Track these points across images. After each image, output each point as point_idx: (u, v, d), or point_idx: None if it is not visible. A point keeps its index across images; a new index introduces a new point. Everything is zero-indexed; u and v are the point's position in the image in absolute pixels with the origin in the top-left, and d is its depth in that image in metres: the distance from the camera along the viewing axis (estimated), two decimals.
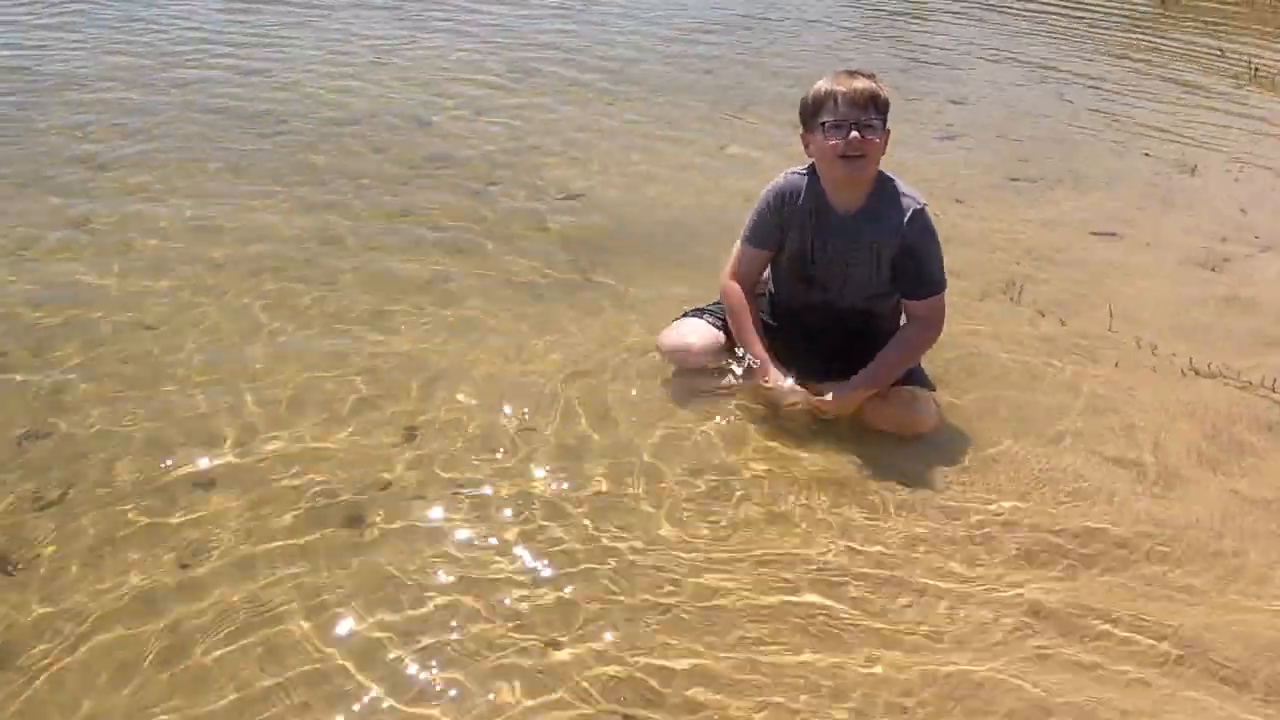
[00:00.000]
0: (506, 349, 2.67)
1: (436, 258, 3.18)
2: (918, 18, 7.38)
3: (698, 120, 4.68)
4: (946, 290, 2.39)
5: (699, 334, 2.56)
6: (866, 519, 2.12)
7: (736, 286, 2.48)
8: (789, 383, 2.38)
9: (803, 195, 2.39)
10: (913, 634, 1.83)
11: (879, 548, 2.04)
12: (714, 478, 2.22)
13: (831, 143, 2.27)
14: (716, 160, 4.22)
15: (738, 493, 2.18)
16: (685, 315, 2.64)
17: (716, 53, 5.91)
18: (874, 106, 2.28)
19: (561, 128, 4.47)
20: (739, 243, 2.51)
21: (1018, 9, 7.76)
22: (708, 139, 4.45)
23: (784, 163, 3.83)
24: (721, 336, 2.55)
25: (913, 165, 4.22)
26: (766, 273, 2.57)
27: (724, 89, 5.19)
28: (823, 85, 2.31)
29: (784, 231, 2.43)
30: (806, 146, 2.39)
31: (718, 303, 2.60)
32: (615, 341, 2.72)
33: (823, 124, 2.28)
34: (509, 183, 3.82)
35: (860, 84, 2.28)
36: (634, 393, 2.50)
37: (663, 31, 6.32)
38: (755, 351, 2.43)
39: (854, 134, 2.24)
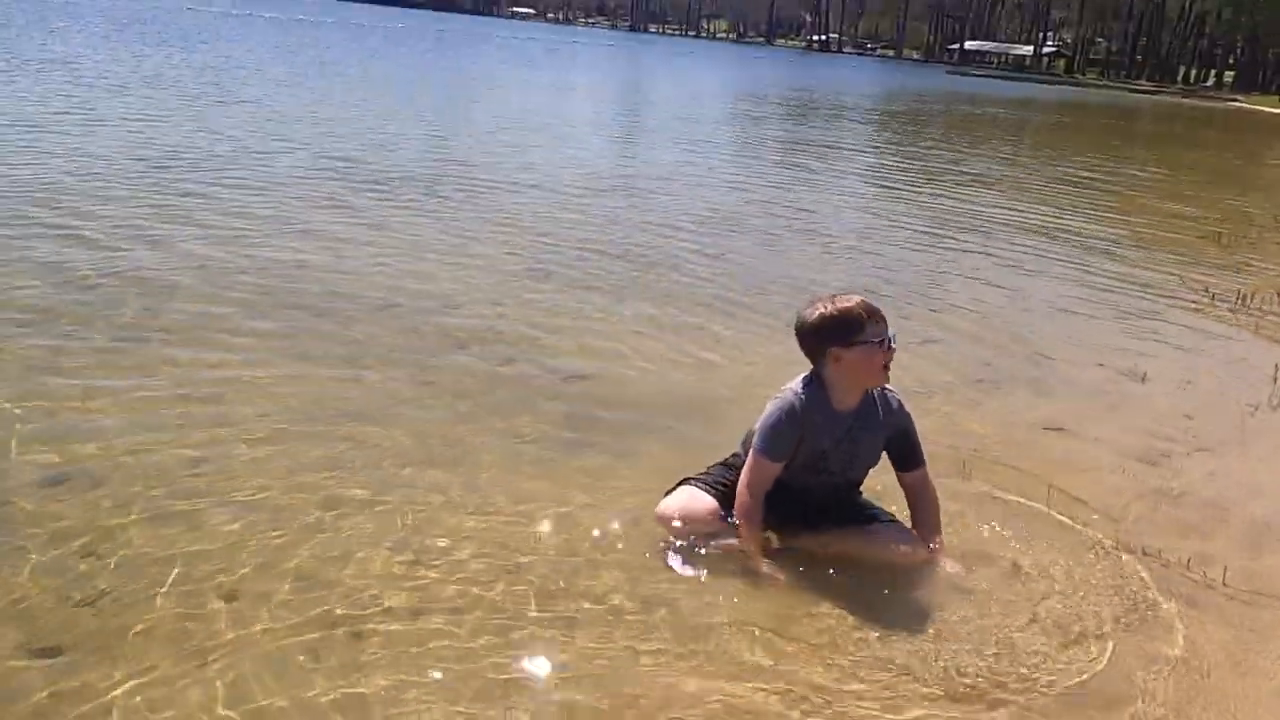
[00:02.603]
0: (506, 506, 3.02)
1: (449, 422, 3.61)
2: (903, 238, 8.12)
3: (695, 317, 5.22)
4: None
5: (697, 501, 2.88)
6: (815, 649, 2.41)
7: (749, 499, 2.76)
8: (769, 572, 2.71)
9: (808, 406, 2.76)
10: None
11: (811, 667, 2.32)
12: (692, 616, 2.52)
13: (876, 357, 2.70)
14: (708, 353, 4.71)
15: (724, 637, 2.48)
16: (681, 484, 2.97)
17: (720, 261, 6.58)
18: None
19: (573, 316, 5.02)
20: (754, 455, 2.77)
21: (995, 236, 8.52)
22: (703, 334, 4.97)
23: (765, 361, 4.34)
24: (716, 504, 2.87)
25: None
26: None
27: (723, 292, 5.78)
28: (849, 306, 2.71)
29: (801, 441, 2.78)
30: (836, 360, 2.72)
31: (707, 470, 2.99)
32: (611, 504, 3.07)
33: (871, 341, 2.69)
34: (521, 362, 4.31)
35: (874, 305, 2.74)
36: (624, 548, 2.82)
37: (678, 236, 7.05)
38: (755, 554, 2.74)
39: (892, 347, 2.73)
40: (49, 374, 3.70)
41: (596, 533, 2.89)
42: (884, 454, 2.93)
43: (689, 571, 2.72)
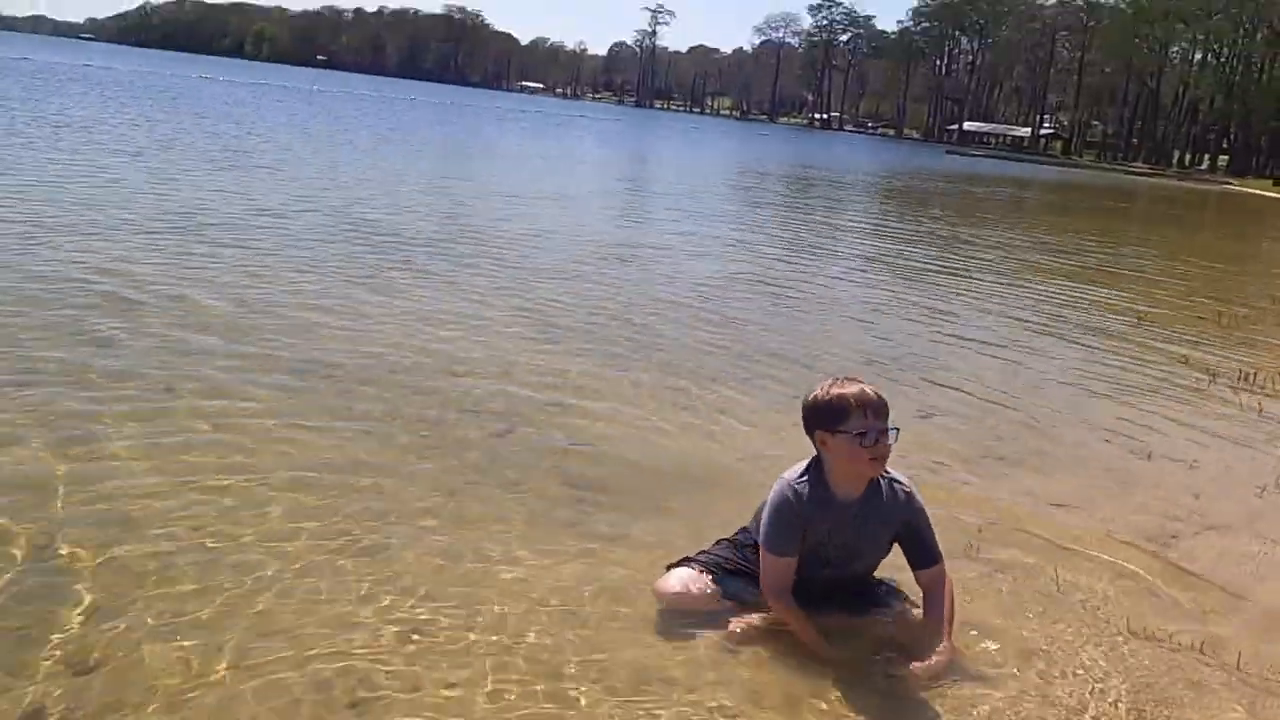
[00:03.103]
0: (505, 576, 2.97)
1: (450, 488, 3.57)
2: (909, 311, 8.16)
3: (701, 386, 5.21)
4: None
5: (695, 583, 2.82)
6: None
7: (773, 599, 2.70)
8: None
9: (808, 497, 2.69)
10: None
11: None
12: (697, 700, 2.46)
13: (863, 449, 2.61)
14: (713, 424, 4.69)
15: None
16: (677, 564, 2.91)
17: (726, 330, 6.60)
18: (887, 414, 2.66)
19: (579, 382, 5.02)
20: (764, 553, 2.72)
21: (1000, 312, 8.57)
22: (708, 403, 4.96)
23: (771, 431, 4.33)
24: (715, 588, 2.82)
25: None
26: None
27: (729, 361, 5.79)
28: (843, 393, 2.62)
29: (805, 533, 2.71)
30: (823, 444, 2.67)
31: (704, 551, 2.94)
32: (612, 576, 3.01)
33: (855, 432, 2.59)
34: (525, 427, 4.29)
35: (872, 392, 2.63)
36: (624, 623, 2.77)
37: (685, 303, 7.09)
38: (813, 641, 2.66)
39: (881, 442, 2.63)
40: (57, 423, 3.70)
41: (596, 606, 2.83)
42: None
43: (688, 652, 2.65)
